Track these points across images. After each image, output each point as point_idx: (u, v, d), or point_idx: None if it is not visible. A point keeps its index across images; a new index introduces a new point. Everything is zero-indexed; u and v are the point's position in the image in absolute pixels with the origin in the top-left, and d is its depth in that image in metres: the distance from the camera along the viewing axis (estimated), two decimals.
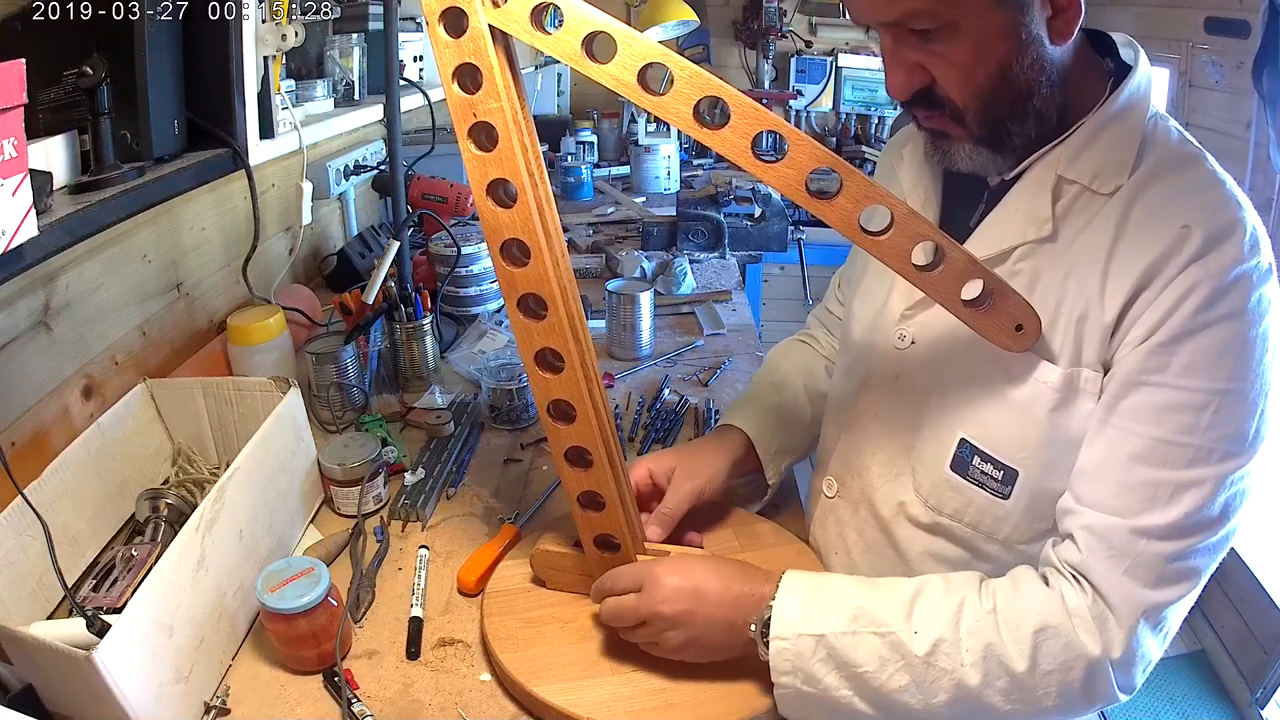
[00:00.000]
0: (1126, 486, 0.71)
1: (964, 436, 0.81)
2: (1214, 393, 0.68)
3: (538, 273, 0.73)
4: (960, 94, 0.73)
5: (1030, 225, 0.77)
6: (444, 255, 1.62)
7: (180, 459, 1.10)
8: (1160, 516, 0.70)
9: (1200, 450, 0.69)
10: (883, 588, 0.77)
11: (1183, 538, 0.70)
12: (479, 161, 0.70)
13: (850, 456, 0.93)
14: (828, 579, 0.80)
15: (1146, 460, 0.70)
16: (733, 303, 1.83)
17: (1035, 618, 0.72)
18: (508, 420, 1.31)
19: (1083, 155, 0.75)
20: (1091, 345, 0.73)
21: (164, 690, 0.75)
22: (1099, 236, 0.74)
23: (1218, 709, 2.16)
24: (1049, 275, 0.76)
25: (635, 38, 0.67)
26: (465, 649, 0.88)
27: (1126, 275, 0.71)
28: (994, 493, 0.80)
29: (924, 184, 0.89)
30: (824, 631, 0.74)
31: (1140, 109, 0.76)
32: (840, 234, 0.70)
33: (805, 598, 0.77)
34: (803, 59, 3.41)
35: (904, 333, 0.87)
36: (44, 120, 0.92)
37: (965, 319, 0.73)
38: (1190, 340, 0.68)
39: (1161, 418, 0.70)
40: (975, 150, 0.77)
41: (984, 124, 0.75)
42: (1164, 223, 0.70)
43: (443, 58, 0.68)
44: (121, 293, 1.18)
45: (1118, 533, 0.71)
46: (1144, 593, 0.70)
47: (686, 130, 0.68)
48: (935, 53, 0.71)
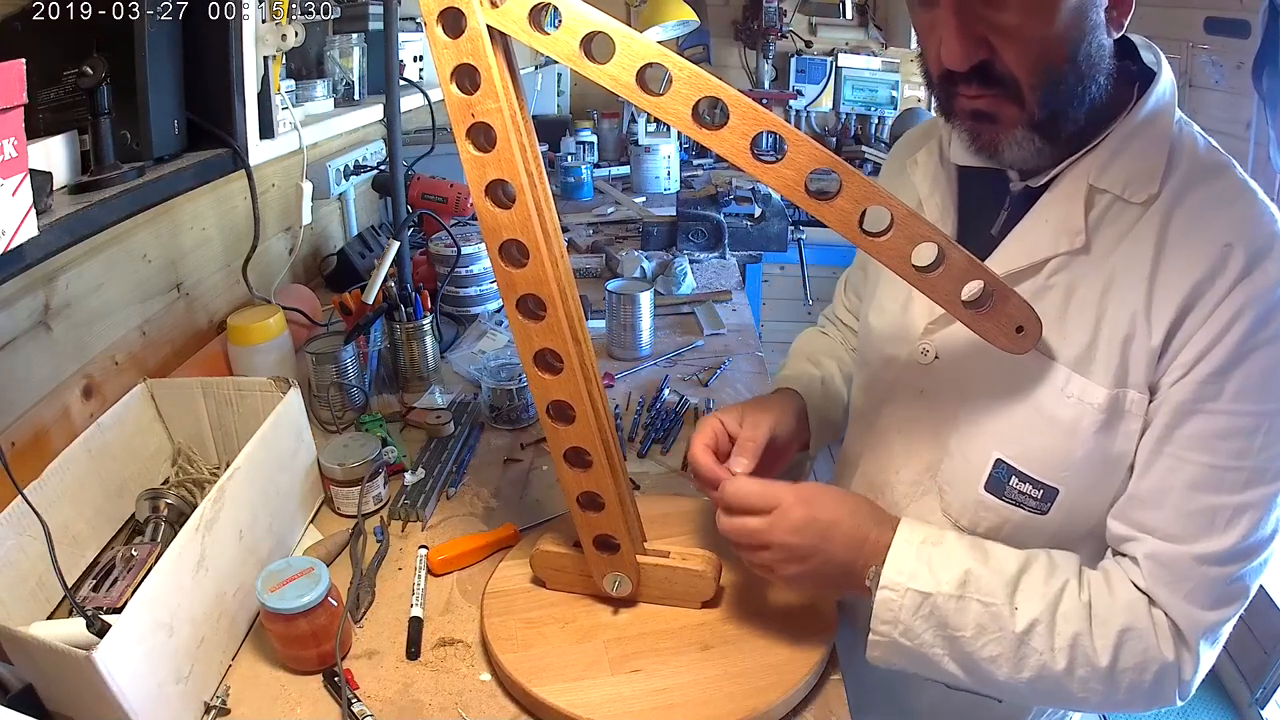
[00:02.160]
0: (1185, 514, 0.72)
1: (1000, 457, 0.80)
2: (1264, 414, 0.69)
3: (536, 273, 0.73)
4: (1030, 71, 0.70)
5: (1063, 236, 0.76)
6: (444, 255, 1.62)
7: (180, 459, 1.10)
8: (1220, 542, 0.71)
9: (1254, 472, 0.70)
10: (993, 556, 0.77)
11: (1239, 561, 0.72)
12: (477, 162, 0.71)
13: (874, 474, 0.93)
14: (942, 536, 0.79)
15: (1204, 488, 0.71)
16: (733, 303, 1.82)
17: (1124, 616, 0.73)
18: (508, 420, 1.31)
19: (1114, 164, 0.74)
20: (1138, 367, 0.73)
21: (164, 690, 0.75)
22: (1140, 250, 0.73)
23: (1218, 709, 2.16)
24: (1085, 288, 0.75)
25: (634, 38, 0.66)
26: (465, 649, 0.88)
27: (1172, 295, 0.70)
28: (1032, 510, 0.80)
29: (941, 189, 0.87)
30: (932, 590, 0.75)
31: (1167, 115, 0.75)
32: (839, 235, 0.70)
33: (919, 551, 0.77)
34: (803, 59, 3.40)
35: (927, 348, 0.85)
36: (44, 120, 0.92)
37: (965, 320, 0.73)
38: (1241, 366, 0.69)
39: (1216, 445, 0.70)
40: (1026, 136, 0.73)
41: (1045, 105, 0.71)
42: (1205, 239, 0.70)
43: (441, 58, 0.68)
44: (121, 293, 1.18)
45: (1181, 560, 0.72)
46: (1204, 614, 0.72)
47: (686, 131, 0.68)
48: (1005, 25, 0.68)
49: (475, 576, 0.99)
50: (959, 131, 0.78)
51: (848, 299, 1.16)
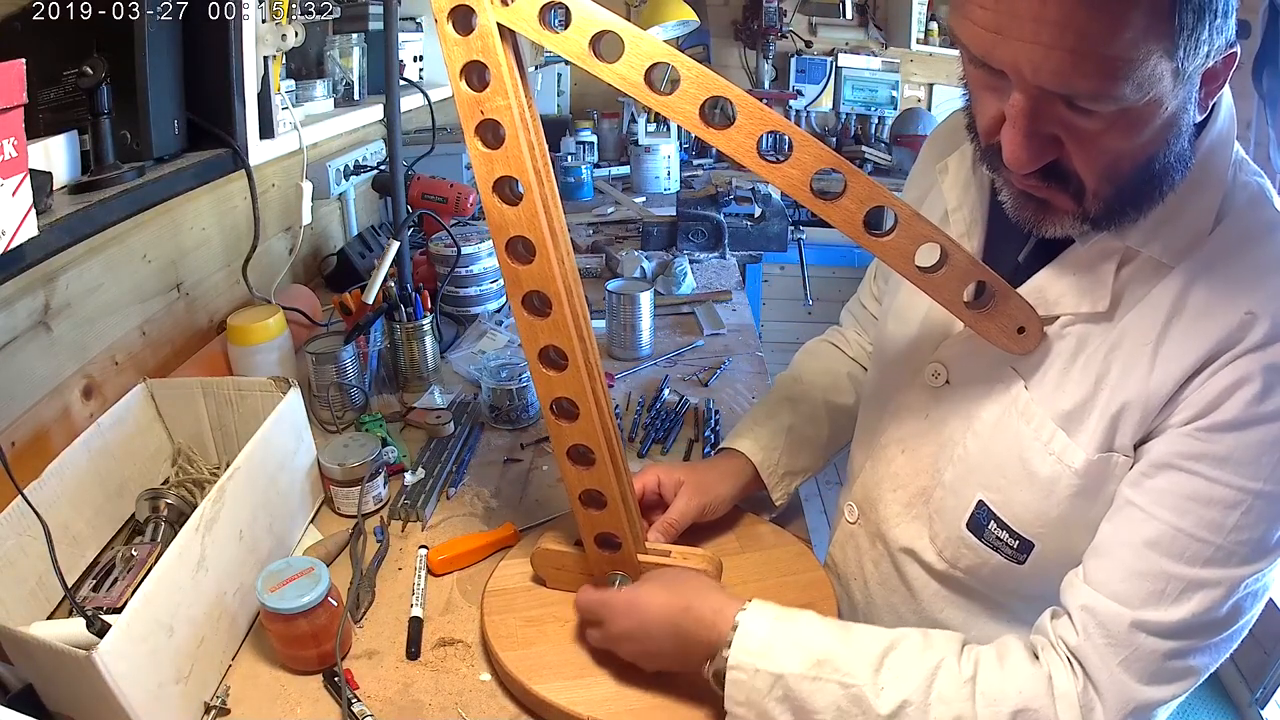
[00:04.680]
0: (1135, 573, 0.66)
1: (982, 499, 0.77)
2: (1247, 492, 0.63)
3: (543, 270, 0.73)
4: (1097, 179, 0.64)
5: (1086, 297, 0.70)
6: (444, 255, 1.62)
7: (180, 459, 1.10)
8: (1164, 613, 0.64)
9: (1220, 551, 0.64)
10: (856, 635, 0.72)
11: (1185, 638, 0.65)
12: (486, 159, 0.71)
13: (871, 486, 0.91)
14: (798, 615, 0.74)
15: (1162, 549, 0.65)
16: (733, 303, 1.82)
17: (1017, 697, 0.66)
18: (508, 420, 1.31)
19: (1162, 230, 0.68)
20: (1127, 430, 0.68)
21: (164, 690, 0.75)
22: (1153, 312, 0.67)
23: (1217, 709, 2.16)
24: (1094, 345, 0.70)
25: (643, 37, 0.67)
26: (465, 649, 0.88)
27: (1177, 360, 0.65)
28: (1009, 558, 0.76)
29: (970, 203, 0.82)
30: (783, 671, 0.70)
31: (1222, 161, 0.68)
32: (844, 234, 0.70)
33: (771, 630, 0.72)
34: (803, 59, 3.40)
35: (939, 369, 0.82)
36: (44, 120, 0.92)
37: (967, 321, 0.73)
38: (1234, 432, 0.63)
39: (1187, 507, 0.64)
40: (1077, 225, 0.68)
41: (1106, 207, 0.66)
42: (1227, 305, 0.64)
43: (451, 55, 0.68)
44: (121, 293, 1.18)
45: (1117, 622, 0.65)
46: (1137, 688, 0.65)
47: (693, 130, 0.68)
48: (1084, 130, 0.61)
49: (475, 576, 0.98)
50: (1001, 189, 0.72)
51: (876, 287, 1.10)
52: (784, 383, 1.12)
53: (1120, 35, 0.55)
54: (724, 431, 1.29)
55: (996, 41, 0.59)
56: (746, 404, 1.38)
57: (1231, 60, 0.61)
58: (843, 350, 1.15)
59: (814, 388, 1.09)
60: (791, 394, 1.09)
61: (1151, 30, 0.55)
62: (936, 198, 0.87)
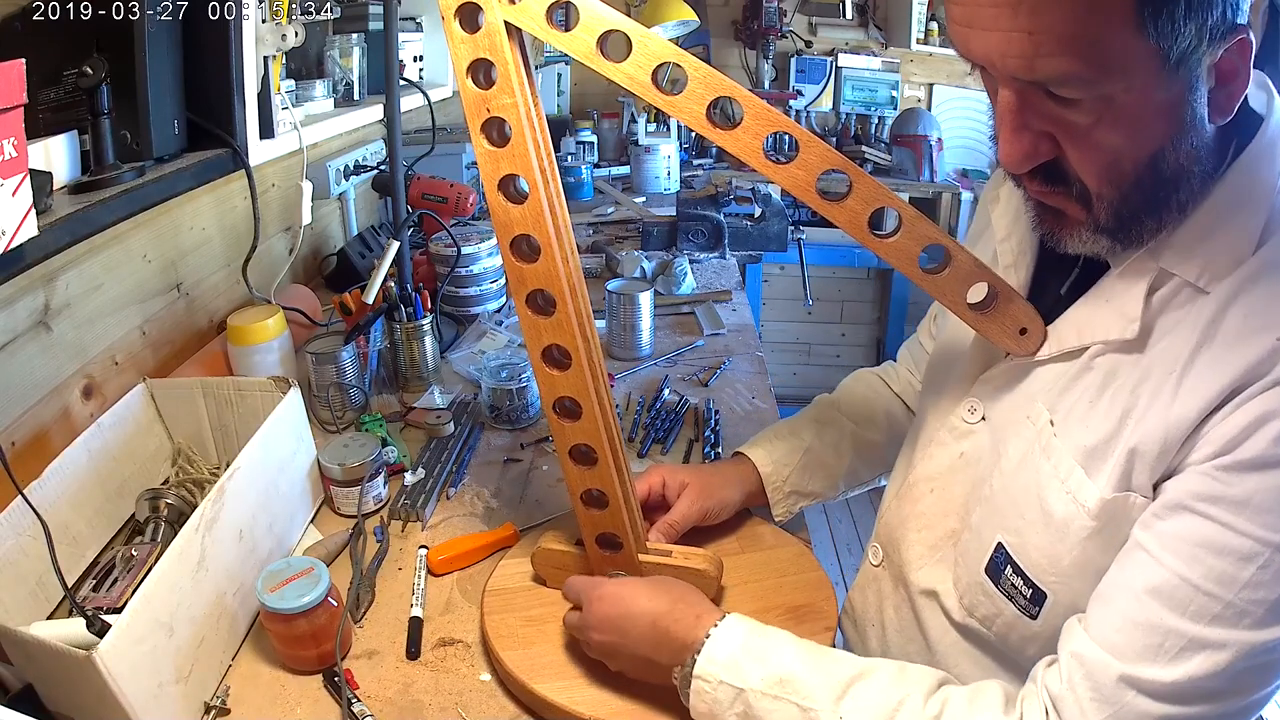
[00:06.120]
0: (1132, 622, 0.60)
1: (1001, 541, 0.72)
2: (1266, 544, 0.56)
3: (547, 269, 0.73)
4: (1097, 179, 0.61)
5: (1115, 323, 0.66)
6: (444, 255, 1.62)
7: (180, 459, 1.09)
8: (1158, 672, 0.58)
9: (1230, 609, 0.57)
10: (826, 660, 0.70)
11: (1179, 704, 0.58)
12: (491, 156, 0.71)
13: (895, 526, 0.86)
14: (772, 633, 0.73)
15: (1164, 599, 0.59)
16: (733, 303, 1.82)
17: None
18: (508, 420, 1.31)
19: (1198, 248, 0.63)
20: (1145, 467, 0.62)
21: (164, 690, 0.74)
22: (1183, 340, 0.62)
23: None
24: (1123, 378, 0.66)
25: (650, 37, 0.67)
26: (465, 649, 0.88)
27: (1201, 391, 0.59)
28: (1021, 609, 0.71)
29: (1020, 232, 0.78)
30: (745, 686, 0.69)
31: (1269, 175, 0.62)
32: (848, 235, 0.70)
33: (741, 644, 0.71)
34: (803, 59, 3.40)
35: (974, 405, 0.78)
36: (44, 120, 0.92)
37: (971, 322, 0.73)
38: (1255, 474, 0.56)
39: (1197, 555, 0.58)
40: (1093, 237, 0.65)
41: (1115, 215, 0.63)
42: (1259, 334, 0.58)
43: (457, 52, 0.68)
44: (121, 293, 1.18)
45: (1105, 673, 0.60)
46: None
47: (699, 130, 0.69)
48: (1074, 125, 0.59)
49: (475, 576, 0.98)
50: (1027, 205, 0.71)
51: (934, 325, 1.05)
52: (820, 404, 1.09)
53: (1074, 10, 0.54)
54: (724, 432, 1.29)
55: (969, 35, 0.59)
56: (746, 404, 1.38)
57: (1245, 50, 0.57)
58: (889, 385, 1.11)
59: (846, 416, 1.06)
60: (822, 417, 1.06)
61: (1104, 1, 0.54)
62: (988, 233, 0.84)
